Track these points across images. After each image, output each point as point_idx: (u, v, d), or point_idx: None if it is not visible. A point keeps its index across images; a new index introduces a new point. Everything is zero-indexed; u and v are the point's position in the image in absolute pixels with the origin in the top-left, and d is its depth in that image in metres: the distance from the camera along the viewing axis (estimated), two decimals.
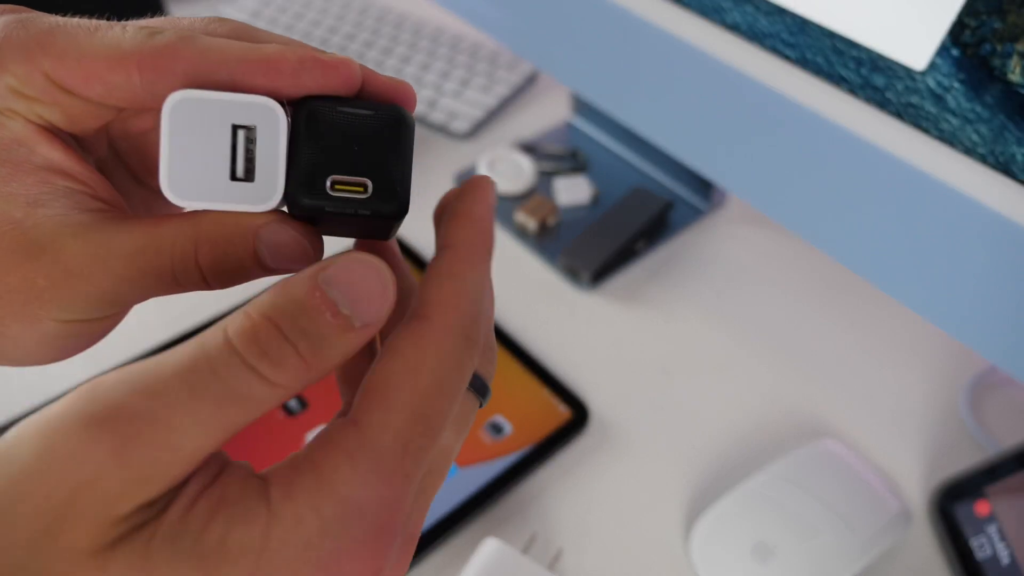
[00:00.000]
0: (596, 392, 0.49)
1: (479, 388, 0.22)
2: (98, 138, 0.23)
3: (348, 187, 0.20)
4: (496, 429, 0.45)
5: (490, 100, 0.69)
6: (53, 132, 0.21)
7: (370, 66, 0.74)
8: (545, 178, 0.62)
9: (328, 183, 0.20)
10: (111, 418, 0.16)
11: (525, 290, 0.55)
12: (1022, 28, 0.31)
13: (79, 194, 0.21)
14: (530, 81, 0.73)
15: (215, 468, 0.18)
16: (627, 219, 0.57)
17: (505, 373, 0.48)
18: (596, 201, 0.61)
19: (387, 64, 0.73)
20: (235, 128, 0.20)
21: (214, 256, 0.21)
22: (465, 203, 0.21)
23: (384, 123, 0.20)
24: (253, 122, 0.20)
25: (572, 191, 0.60)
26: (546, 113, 0.70)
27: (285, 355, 0.17)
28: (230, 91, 0.20)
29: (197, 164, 0.20)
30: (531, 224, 0.57)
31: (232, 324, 0.18)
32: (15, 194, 0.20)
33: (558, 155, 0.64)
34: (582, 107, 0.67)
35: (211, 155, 0.20)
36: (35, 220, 0.20)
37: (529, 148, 0.64)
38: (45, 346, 0.22)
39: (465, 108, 0.68)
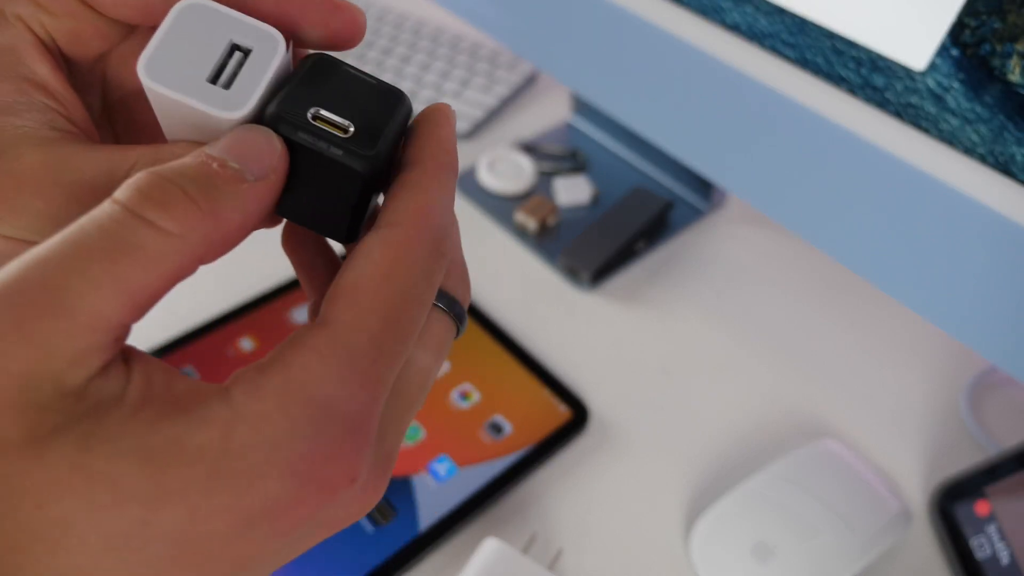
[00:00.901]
0: (596, 392, 0.49)
1: (458, 313, 0.21)
2: (93, 80, 0.23)
3: (329, 125, 0.19)
4: (496, 429, 0.45)
5: (490, 100, 0.69)
6: (47, 47, 0.21)
7: (370, 66, 0.75)
8: (545, 178, 0.62)
9: (310, 114, 0.19)
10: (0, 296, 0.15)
11: (525, 290, 0.55)
12: (1022, 28, 0.31)
13: (53, 112, 0.21)
14: (530, 81, 0.73)
15: (161, 376, 0.17)
16: (627, 219, 0.57)
17: (505, 373, 0.48)
18: (596, 201, 0.61)
19: (387, 64, 0.73)
20: (233, 46, 0.20)
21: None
22: (429, 125, 0.21)
23: (385, 94, 0.21)
24: (252, 46, 0.20)
25: (572, 191, 0.60)
26: (546, 113, 0.70)
27: (173, 198, 0.17)
28: (240, 11, 0.20)
29: (182, 59, 0.19)
30: (531, 224, 0.57)
31: (119, 189, 0.17)
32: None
33: (558, 155, 0.64)
34: (582, 107, 0.67)
35: (199, 57, 0.19)
36: (3, 122, 0.20)
37: (529, 148, 0.64)
38: None
39: (465, 108, 0.68)
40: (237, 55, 0.20)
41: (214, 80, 0.19)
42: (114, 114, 0.24)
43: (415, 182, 0.20)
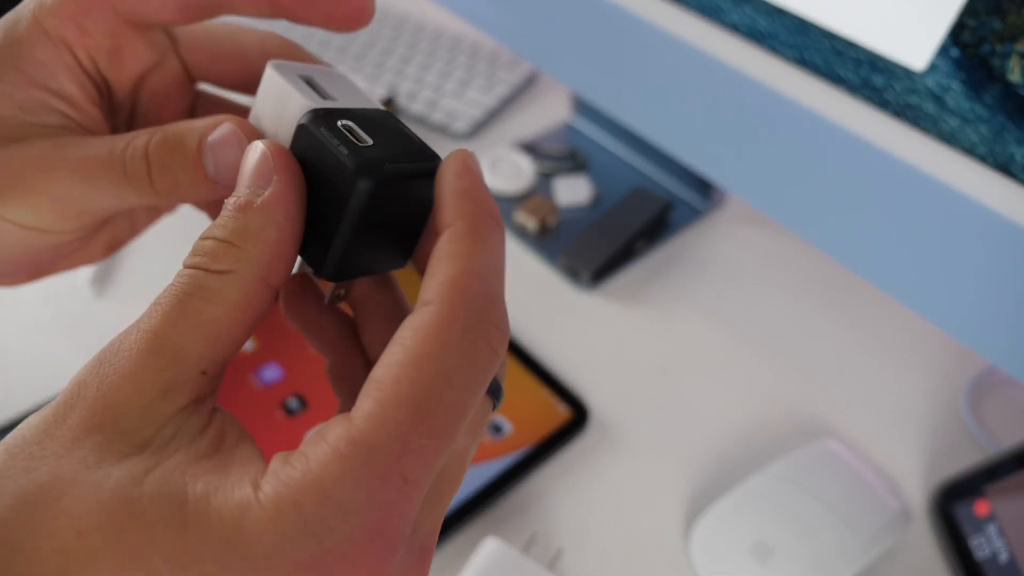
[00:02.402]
0: (596, 392, 0.49)
1: (492, 388, 0.20)
2: (125, 105, 0.25)
3: (351, 134, 0.20)
4: (496, 429, 0.46)
5: (490, 100, 0.69)
6: (83, 68, 0.23)
7: (369, 67, 0.75)
8: (545, 178, 0.62)
9: (340, 123, 0.20)
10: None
11: (525, 290, 0.55)
12: (1022, 28, 0.31)
13: (69, 119, 0.23)
14: (530, 81, 0.73)
15: (234, 437, 0.18)
16: (627, 219, 0.57)
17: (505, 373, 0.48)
18: (596, 201, 0.61)
19: (387, 64, 0.73)
20: (307, 78, 0.22)
21: (162, 153, 0.21)
22: (448, 180, 0.20)
23: (419, 146, 0.21)
24: (315, 77, 0.23)
25: (572, 191, 0.60)
26: (546, 113, 0.70)
27: (214, 246, 0.19)
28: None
29: (290, 68, 0.23)
30: (531, 224, 0.57)
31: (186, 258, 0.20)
32: (13, 96, 0.22)
33: (558, 155, 0.64)
34: (582, 107, 0.67)
35: (296, 77, 0.23)
36: (17, 120, 0.22)
37: (529, 148, 0.64)
38: (6, 253, 0.23)
39: (465, 108, 0.68)
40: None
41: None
42: (141, 121, 0.26)
43: (448, 250, 0.18)
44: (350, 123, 0.20)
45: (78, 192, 0.21)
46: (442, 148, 0.66)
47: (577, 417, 0.47)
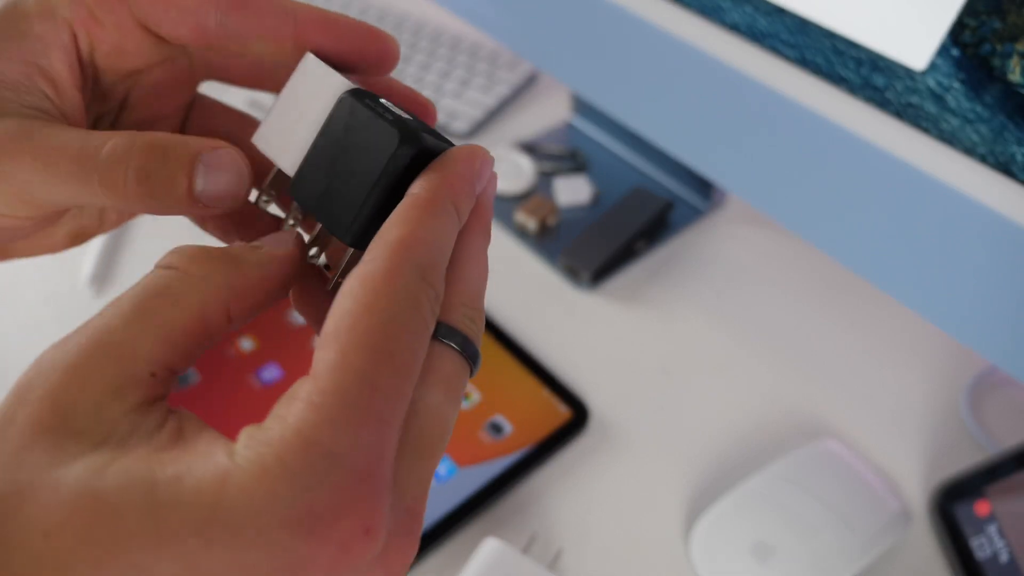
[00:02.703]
0: (596, 392, 0.49)
1: (470, 353, 0.20)
2: (115, 93, 0.25)
3: (390, 110, 0.21)
4: (496, 429, 0.45)
5: (490, 100, 0.69)
6: (78, 51, 0.23)
7: None
8: (545, 178, 0.62)
9: (382, 99, 0.22)
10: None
11: (525, 290, 0.55)
12: (1022, 28, 0.31)
13: (47, 101, 0.22)
14: (530, 81, 0.73)
15: (194, 426, 0.18)
16: (627, 219, 0.57)
17: (505, 373, 0.48)
18: (596, 201, 0.61)
19: None
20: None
21: (147, 159, 0.20)
22: (445, 160, 0.21)
23: (444, 138, 0.22)
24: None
25: (572, 191, 0.60)
26: (546, 113, 0.70)
27: (203, 255, 0.19)
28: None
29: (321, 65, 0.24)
30: (531, 224, 0.57)
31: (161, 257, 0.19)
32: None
33: (558, 155, 0.64)
34: (582, 107, 0.67)
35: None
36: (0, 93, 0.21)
37: (529, 148, 0.64)
38: None
39: (465, 108, 0.68)
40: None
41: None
42: (128, 110, 0.26)
43: (398, 217, 0.20)
44: (387, 103, 0.22)
45: (39, 181, 0.21)
46: None
47: (577, 417, 0.46)
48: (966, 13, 0.32)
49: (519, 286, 0.55)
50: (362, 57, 0.23)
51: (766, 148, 0.42)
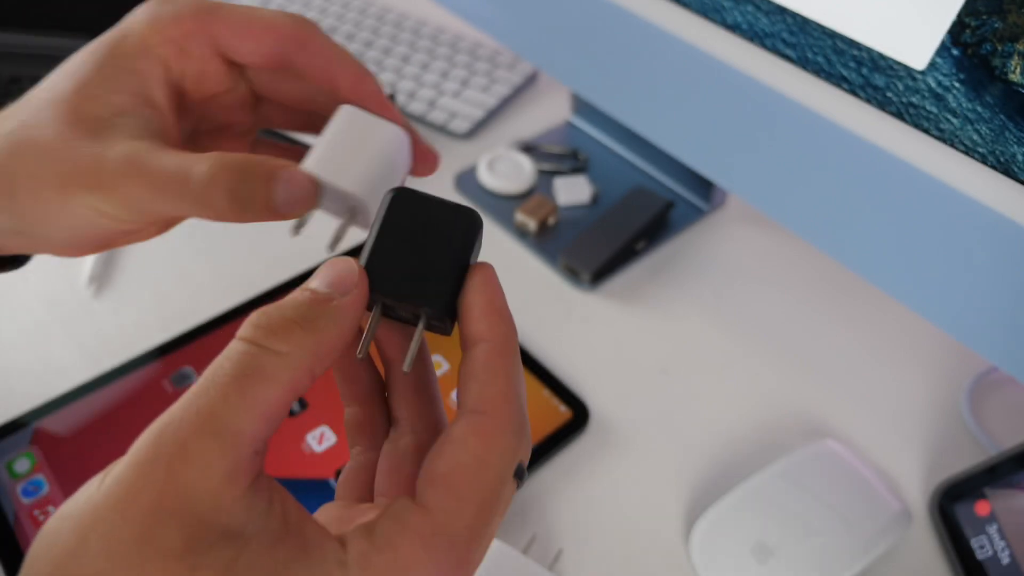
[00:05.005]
0: (596, 392, 0.48)
1: (519, 473, 0.23)
2: (193, 112, 0.30)
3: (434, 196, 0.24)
4: None
5: (490, 100, 0.69)
6: (172, 81, 0.28)
7: (369, 66, 0.74)
8: (545, 178, 0.62)
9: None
10: (158, 432, 0.18)
11: (525, 290, 0.54)
12: (1022, 28, 0.31)
13: (154, 125, 0.27)
14: (530, 81, 0.73)
15: (295, 514, 0.19)
16: (627, 219, 0.57)
17: None
18: (596, 201, 0.61)
19: (387, 64, 0.73)
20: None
21: (232, 180, 0.25)
22: (486, 295, 0.23)
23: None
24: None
25: (572, 191, 0.60)
26: (546, 113, 0.70)
27: (279, 325, 0.20)
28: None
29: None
30: (531, 224, 0.57)
31: (240, 328, 0.20)
32: (112, 101, 0.26)
33: (558, 155, 0.64)
34: (582, 107, 0.67)
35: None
36: (111, 122, 0.26)
37: (529, 148, 0.64)
38: (71, 229, 0.26)
39: (465, 108, 0.68)
40: None
41: None
42: (197, 141, 0.31)
43: (494, 365, 0.22)
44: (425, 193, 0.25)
45: (148, 198, 0.25)
46: (442, 148, 0.66)
47: (577, 417, 0.46)
48: (966, 13, 0.32)
49: (519, 286, 0.55)
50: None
51: (766, 148, 0.42)
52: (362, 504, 0.24)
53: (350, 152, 0.27)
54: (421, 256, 0.23)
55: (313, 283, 0.22)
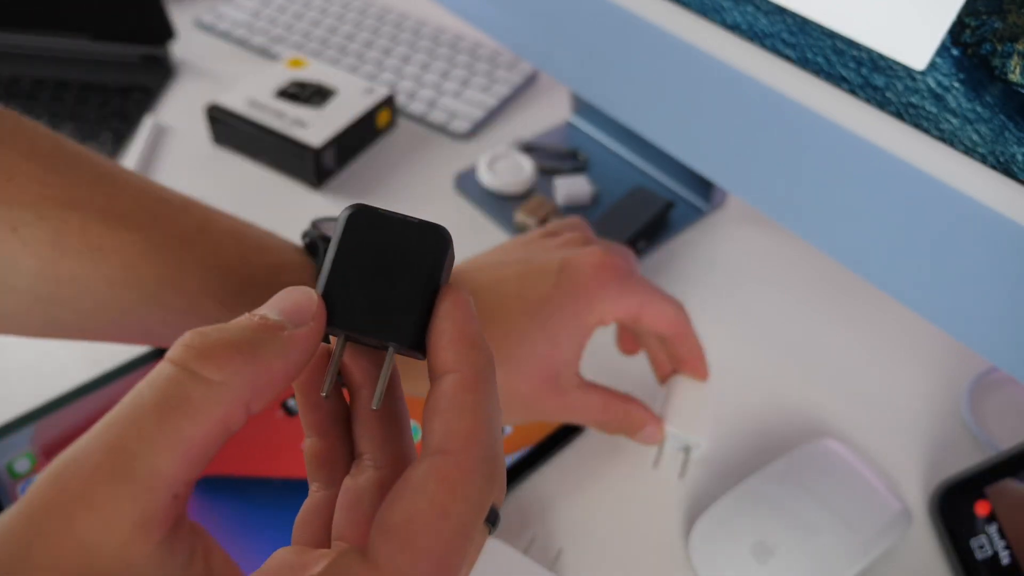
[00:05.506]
0: None
1: (491, 517, 0.21)
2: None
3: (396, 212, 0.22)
4: None
5: (490, 100, 0.69)
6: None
7: (369, 66, 0.74)
8: (545, 178, 0.62)
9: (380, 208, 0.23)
10: (58, 474, 0.16)
11: None
12: (1022, 28, 0.31)
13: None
14: (530, 81, 0.73)
15: (220, 565, 0.18)
16: (627, 219, 0.57)
17: None
18: (596, 201, 0.61)
19: (387, 64, 0.73)
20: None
21: (618, 429, 0.31)
22: (456, 322, 0.20)
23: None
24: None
25: (572, 191, 0.60)
26: (546, 113, 0.70)
27: (215, 349, 0.17)
28: None
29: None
30: (531, 224, 0.57)
31: (171, 349, 0.18)
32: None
33: (558, 155, 0.64)
34: (582, 107, 0.67)
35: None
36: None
37: (529, 148, 0.64)
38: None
39: (465, 108, 0.68)
40: None
41: None
42: None
43: (461, 400, 0.19)
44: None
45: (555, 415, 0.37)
46: (442, 148, 0.66)
47: None
48: (966, 13, 0.32)
49: None
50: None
51: (766, 148, 0.42)
52: (317, 550, 0.20)
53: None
54: (384, 281, 0.20)
55: (264, 309, 0.19)
